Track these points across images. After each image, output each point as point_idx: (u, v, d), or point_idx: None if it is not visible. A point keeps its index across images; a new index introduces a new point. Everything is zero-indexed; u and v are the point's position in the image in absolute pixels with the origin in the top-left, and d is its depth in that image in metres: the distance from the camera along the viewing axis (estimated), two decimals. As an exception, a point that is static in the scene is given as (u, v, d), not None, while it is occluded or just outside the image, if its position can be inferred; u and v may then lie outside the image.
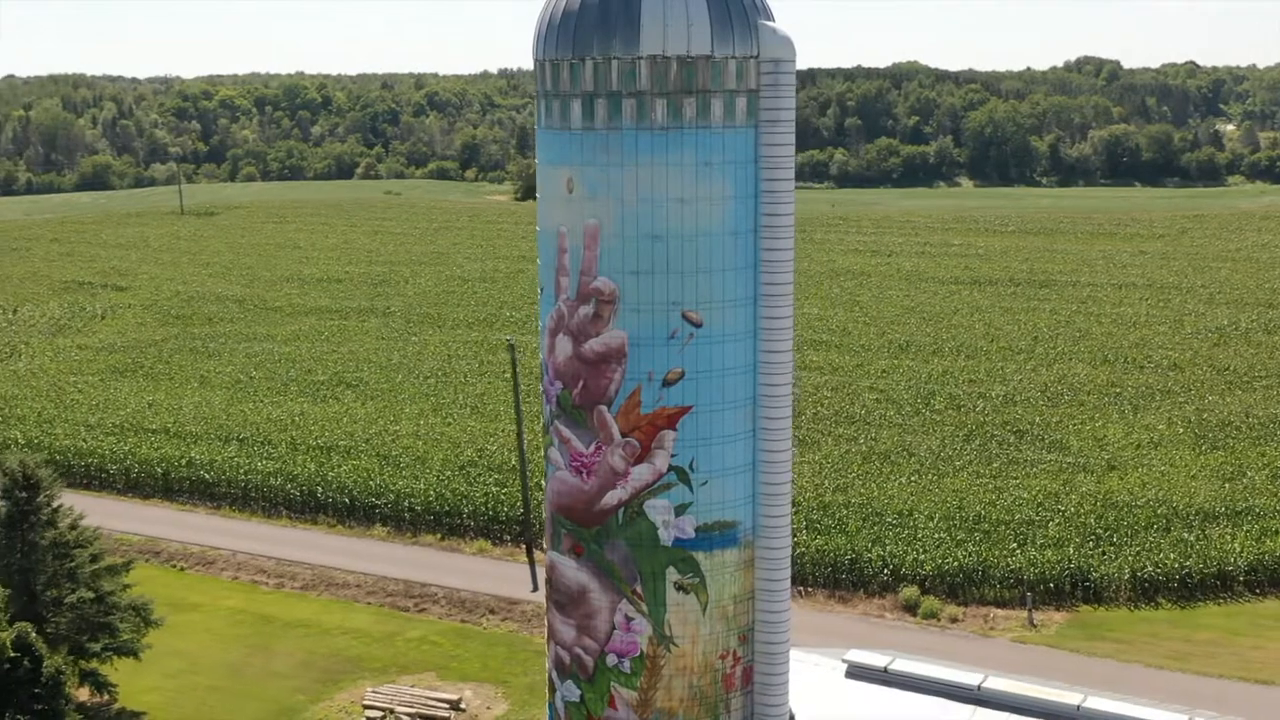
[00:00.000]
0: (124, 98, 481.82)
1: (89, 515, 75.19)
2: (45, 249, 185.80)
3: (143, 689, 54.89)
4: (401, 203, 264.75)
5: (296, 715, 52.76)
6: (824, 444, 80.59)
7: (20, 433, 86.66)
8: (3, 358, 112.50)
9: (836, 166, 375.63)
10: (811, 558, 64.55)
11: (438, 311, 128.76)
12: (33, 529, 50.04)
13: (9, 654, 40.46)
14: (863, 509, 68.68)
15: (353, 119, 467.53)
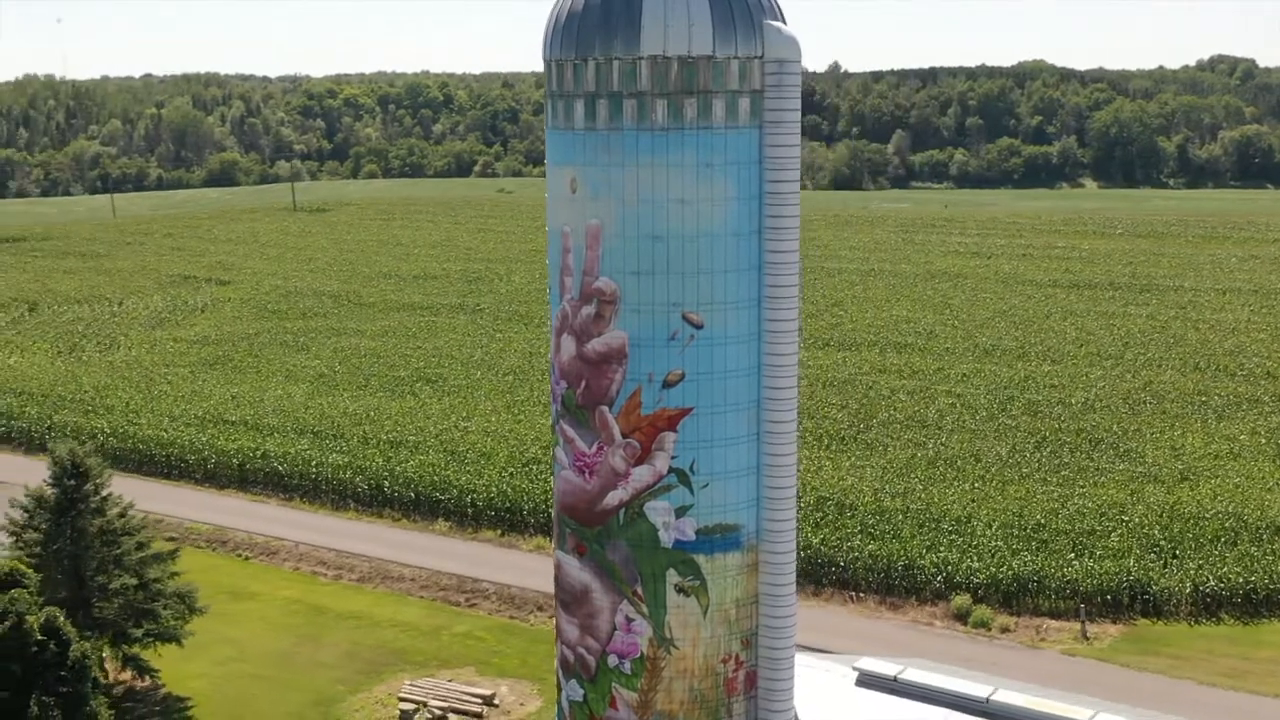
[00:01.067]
0: (252, 96, 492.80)
1: (164, 504, 77.98)
2: (158, 244, 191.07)
3: (190, 675, 56.25)
4: (511, 201, 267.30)
5: (334, 705, 53.53)
6: (891, 449, 79.61)
7: (107, 422, 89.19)
8: (103, 348, 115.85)
9: (956, 167, 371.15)
10: (864, 563, 63.85)
11: (526, 310, 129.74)
12: (80, 516, 51.45)
13: (37, 637, 41.62)
14: (920, 515, 67.73)
15: (473, 117, 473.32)
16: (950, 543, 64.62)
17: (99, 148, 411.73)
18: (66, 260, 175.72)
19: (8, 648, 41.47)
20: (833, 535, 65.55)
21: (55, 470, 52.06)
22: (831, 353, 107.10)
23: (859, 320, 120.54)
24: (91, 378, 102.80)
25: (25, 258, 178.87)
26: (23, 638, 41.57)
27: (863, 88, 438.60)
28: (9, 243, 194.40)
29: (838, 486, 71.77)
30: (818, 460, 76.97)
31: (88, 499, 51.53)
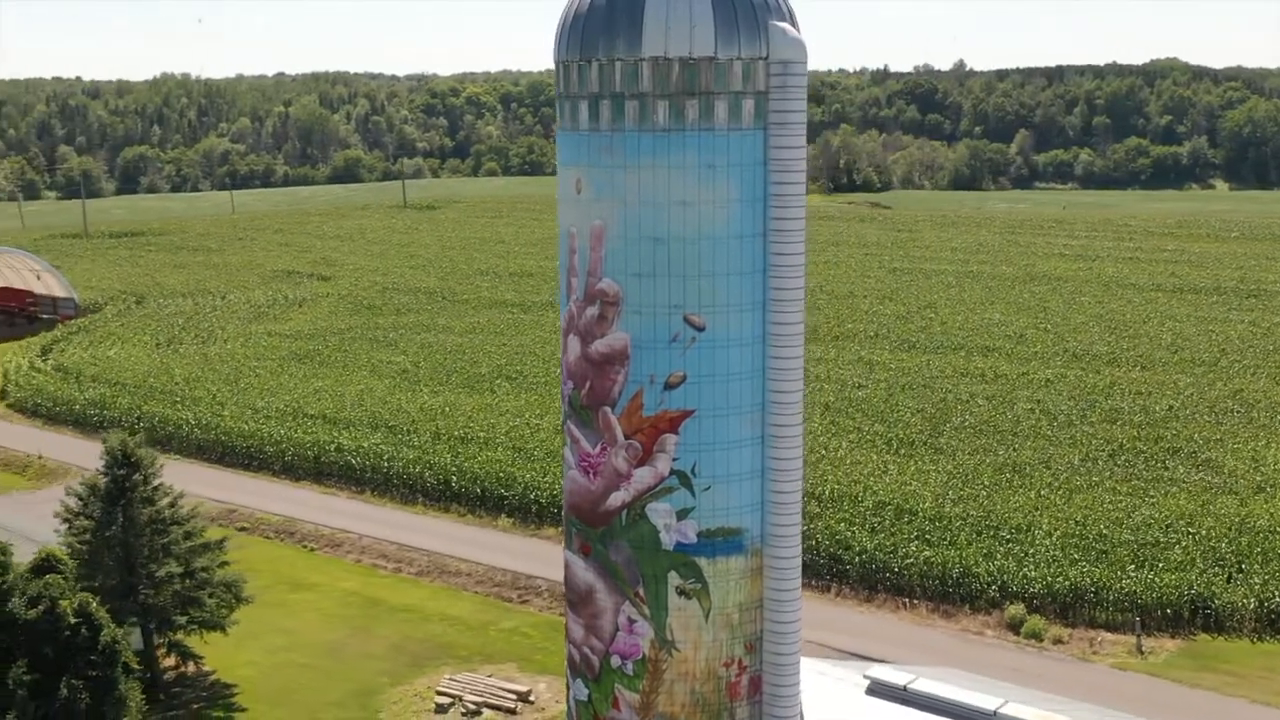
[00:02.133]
0: (377, 95, 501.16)
1: (239, 494, 79.83)
2: (268, 239, 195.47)
3: (241, 663, 57.56)
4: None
5: (374, 697, 54.35)
6: (960, 454, 78.39)
7: (193, 414, 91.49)
8: (200, 341, 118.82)
9: (1081, 167, 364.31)
10: (919, 569, 63.03)
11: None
12: (130, 505, 52.86)
13: (70, 621, 42.87)
14: (979, 522, 66.59)
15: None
16: (1008, 551, 63.47)
17: (228, 145, 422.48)
18: (179, 255, 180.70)
19: (41, 631, 42.74)
20: (888, 541, 64.80)
21: (107, 460, 53.60)
22: (915, 356, 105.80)
23: (949, 323, 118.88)
24: (184, 369, 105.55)
25: (141, 252, 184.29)
26: (56, 622, 42.81)
27: (986, 86, 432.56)
28: (128, 237, 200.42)
29: (899, 491, 70.90)
30: (883, 464, 76.11)
31: (137, 488, 52.90)
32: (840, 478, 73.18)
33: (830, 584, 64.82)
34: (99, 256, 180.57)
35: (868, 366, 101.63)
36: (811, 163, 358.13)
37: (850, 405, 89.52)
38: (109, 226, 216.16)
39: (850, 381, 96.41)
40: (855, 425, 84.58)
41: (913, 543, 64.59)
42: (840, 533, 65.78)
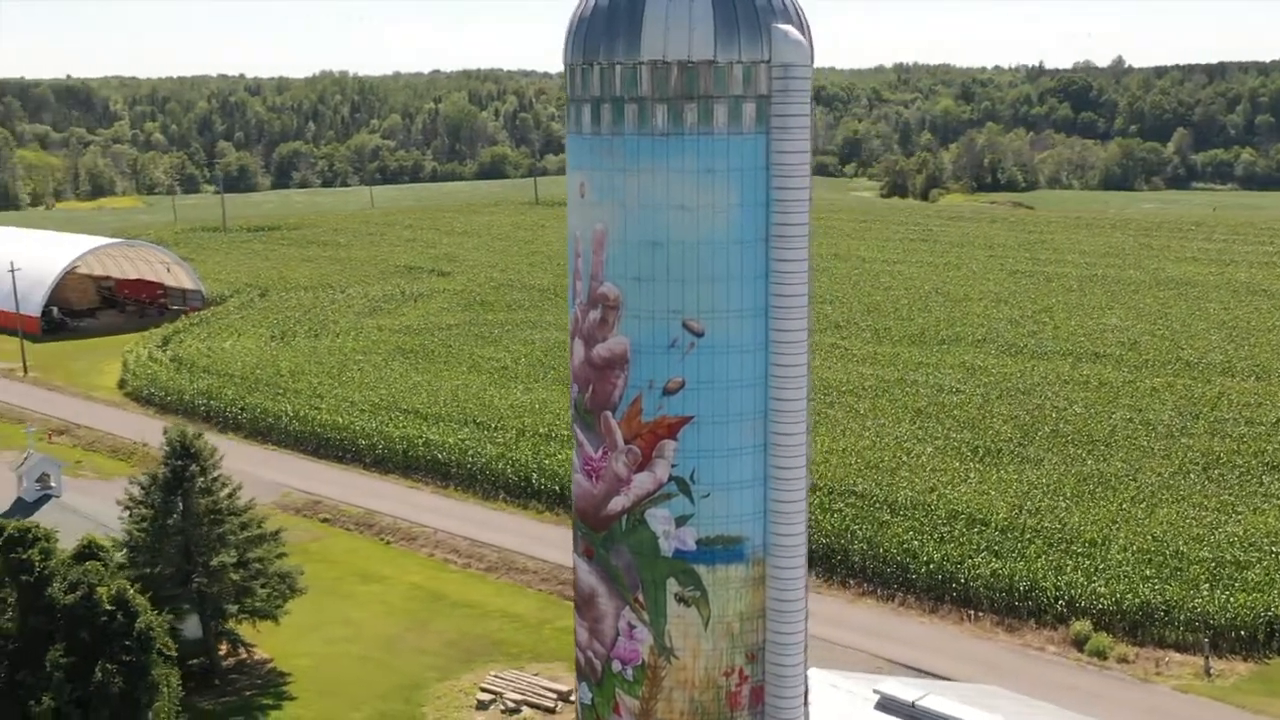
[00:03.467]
0: (526, 92, 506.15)
1: (325, 486, 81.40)
2: (397, 235, 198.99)
3: (300, 652, 58.72)
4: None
5: (420, 691, 54.96)
6: (1046, 463, 76.40)
7: (291, 405, 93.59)
8: (313, 334, 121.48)
9: (1242, 167, 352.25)
10: (985, 581, 61.60)
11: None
12: (187, 495, 54.32)
13: (105, 607, 44.19)
14: (1052, 535, 64.80)
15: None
16: (1078, 565, 61.66)
17: (379, 141, 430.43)
18: (309, 249, 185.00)
19: (79, 616, 44.12)
20: (955, 551, 63.45)
21: (166, 451, 55.13)
22: (1020, 361, 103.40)
23: (1062, 328, 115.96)
24: (290, 362, 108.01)
25: (273, 245, 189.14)
26: (93, 607, 44.15)
27: (1143, 84, 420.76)
28: (264, 231, 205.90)
29: (975, 501, 69.35)
30: (964, 472, 74.54)
31: (194, 479, 54.31)
32: (916, 485, 71.87)
33: (896, 593, 63.75)
34: (234, 250, 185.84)
35: (968, 371, 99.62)
36: (955, 162, 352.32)
37: (942, 411, 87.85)
38: (248, 221, 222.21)
39: (947, 386, 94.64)
40: (943, 431, 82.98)
41: (981, 554, 63.15)
42: (908, 542, 64.63)
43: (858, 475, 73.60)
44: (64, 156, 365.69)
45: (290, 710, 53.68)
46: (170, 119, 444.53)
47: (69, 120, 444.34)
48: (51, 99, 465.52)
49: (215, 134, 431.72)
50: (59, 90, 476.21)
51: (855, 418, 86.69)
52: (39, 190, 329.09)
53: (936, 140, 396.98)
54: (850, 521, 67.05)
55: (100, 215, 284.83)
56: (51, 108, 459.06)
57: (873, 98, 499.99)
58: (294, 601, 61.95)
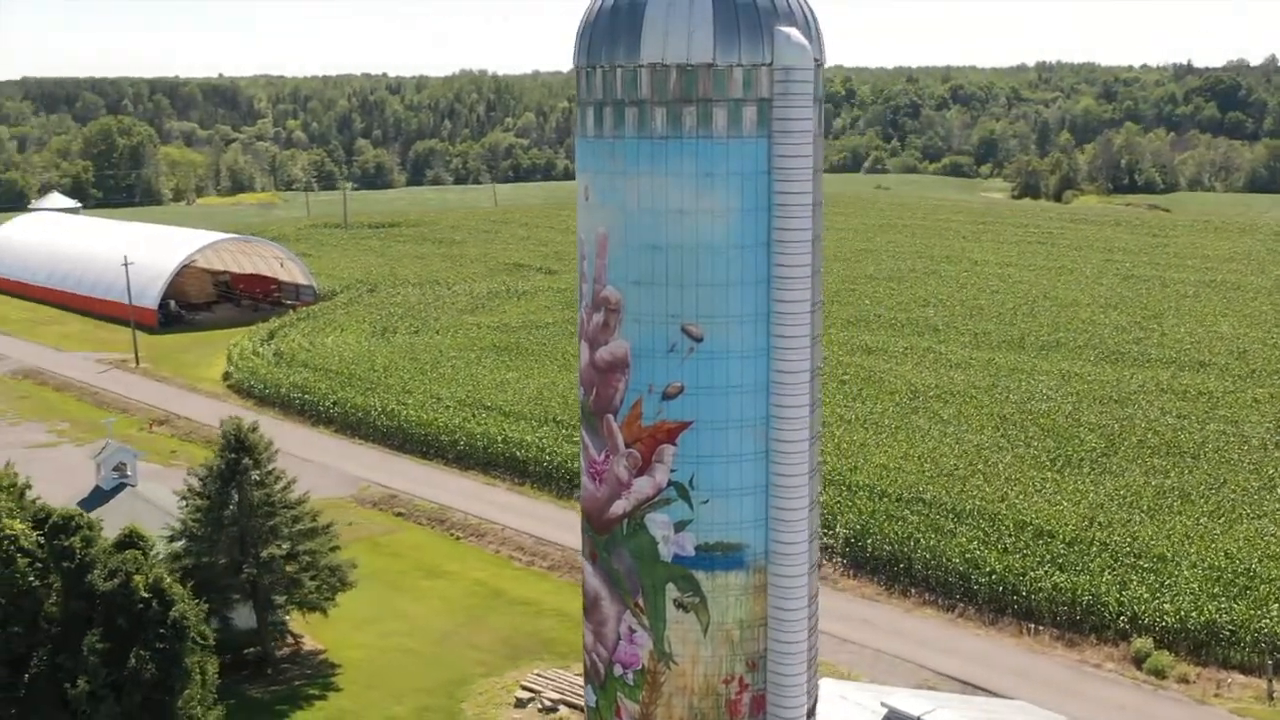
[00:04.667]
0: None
1: (404, 481, 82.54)
2: (511, 232, 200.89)
3: (354, 644, 59.72)
4: (883, 197, 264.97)
5: (463, 686, 55.50)
6: (1128, 475, 74.28)
7: (379, 401, 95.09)
8: (413, 330, 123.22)
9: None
10: (1047, 595, 60.19)
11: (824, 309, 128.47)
12: (241, 488, 55.56)
13: (141, 595, 45.36)
14: (1120, 549, 62.98)
15: (874, 112, 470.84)
16: (1143, 580, 59.87)
17: (512, 139, 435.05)
18: (424, 246, 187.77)
19: (116, 603, 45.33)
20: (1019, 563, 62.08)
21: (221, 443, 56.46)
22: (1119, 368, 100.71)
23: (1169, 335, 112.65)
24: (385, 357, 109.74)
25: (390, 242, 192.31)
26: (129, 595, 45.30)
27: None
28: (383, 228, 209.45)
29: (1045, 512, 67.72)
30: (1040, 482, 72.84)
31: (247, 471, 55.51)
32: (987, 494, 70.44)
33: (956, 604, 62.61)
34: (353, 246, 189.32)
35: (1063, 378, 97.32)
36: (1090, 163, 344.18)
37: (1028, 418, 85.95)
38: (370, 217, 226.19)
39: (1038, 393, 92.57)
40: (1026, 439, 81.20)
41: (1045, 566, 61.70)
42: (971, 552, 63.42)
43: (928, 482, 72.39)
44: (206, 153, 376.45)
45: (334, 701, 54.59)
46: (311, 117, 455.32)
47: (215, 118, 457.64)
48: (199, 97, 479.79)
49: (354, 132, 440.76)
50: (206, 89, 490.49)
51: (937, 424, 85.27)
52: (181, 186, 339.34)
53: (1075, 141, 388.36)
54: (915, 530, 66.01)
55: (237, 211, 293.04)
56: (199, 106, 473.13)
57: (1011, 97, 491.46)
58: (356, 595, 63.18)
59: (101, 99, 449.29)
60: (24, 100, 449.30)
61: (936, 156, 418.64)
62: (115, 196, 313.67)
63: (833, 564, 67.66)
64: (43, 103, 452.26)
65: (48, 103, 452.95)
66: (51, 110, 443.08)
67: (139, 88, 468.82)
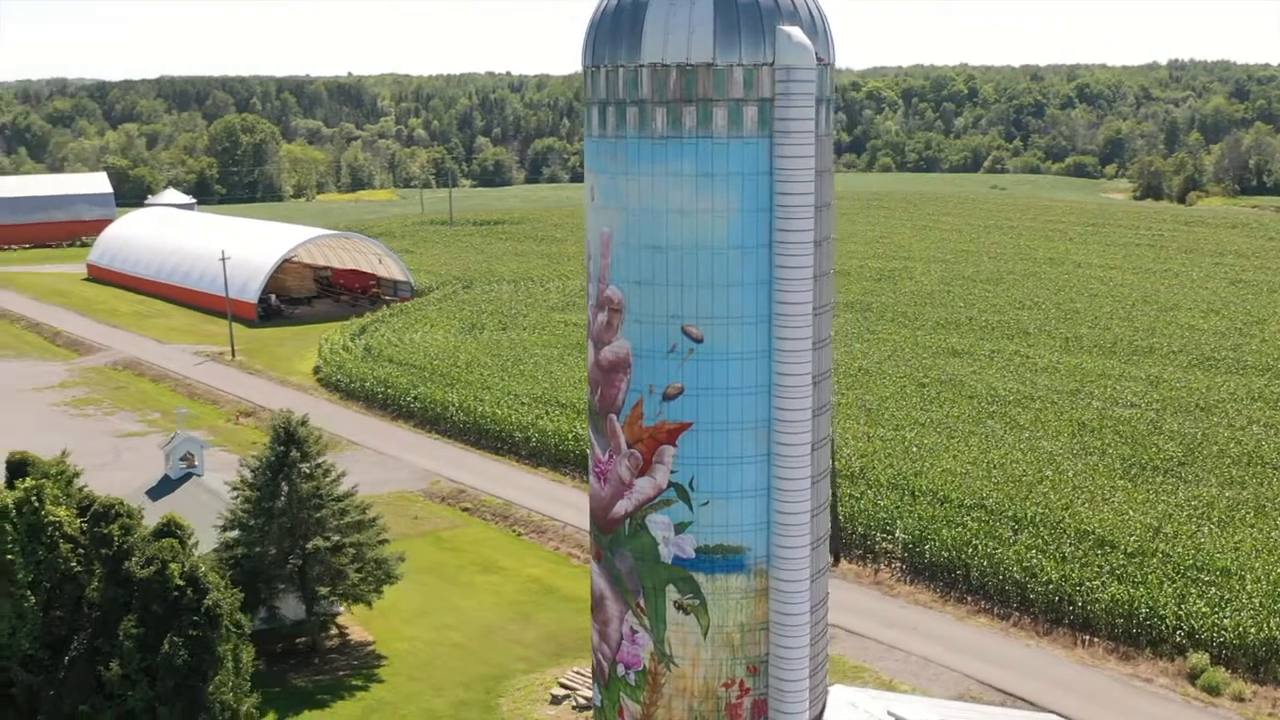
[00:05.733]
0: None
1: (473, 476, 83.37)
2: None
3: (403, 636, 60.48)
4: (998, 198, 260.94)
5: (502, 682, 55.86)
6: (1202, 485, 72.21)
7: (457, 396, 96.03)
8: (501, 327, 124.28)
9: None
10: (1104, 606, 58.79)
11: (907, 310, 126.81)
12: (289, 480, 56.59)
13: (176, 583, 46.46)
14: (1183, 561, 61.22)
15: (997, 111, 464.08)
16: (1204, 595, 58.18)
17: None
18: (524, 243, 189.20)
19: (152, 590, 46.49)
20: (1076, 572, 60.68)
21: (272, 436, 57.55)
22: (1212, 375, 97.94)
23: (1271, 341, 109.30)
24: (469, 354, 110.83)
25: (491, 239, 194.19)
26: (165, 582, 46.44)
27: None
28: (487, 225, 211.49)
29: (1110, 521, 66.14)
30: (1110, 490, 71.15)
31: (295, 464, 56.51)
32: (1052, 502, 69.01)
33: (1011, 612, 61.45)
34: (455, 243, 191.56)
35: (1150, 384, 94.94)
36: (1217, 163, 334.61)
37: (1106, 425, 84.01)
38: (475, 215, 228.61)
39: (1122, 399, 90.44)
40: (1101, 447, 79.37)
41: (1102, 577, 60.25)
42: (1029, 560, 62.17)
43: (993, 489, 71.11)
44: (327, 151, 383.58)
45: (375, 691, 55.32)
46: (432, 115, 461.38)
47: (340, 116, 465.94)
48: (325, 96, 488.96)
49: (475, 130, 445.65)
50: (332, 87, 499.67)
51: (1012, 429, 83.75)
52: (303, 183, 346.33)
53: (1204, 141, 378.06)
54: (973, 536, 64.90)
55: (354, 207, 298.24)
56: (324, 104, 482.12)
57: (1140, 95, 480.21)
58: (411, 588, 64.27)
59: (231, 97, 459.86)
60: (157, 99, 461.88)
61: (1060, 156, 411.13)
62: (238, 192, 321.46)
63: (890, 569, 66.87)
64: (175, 101, 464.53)
65: (180, 101, 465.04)
66: (183, 108, 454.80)
67: (267, 86, 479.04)
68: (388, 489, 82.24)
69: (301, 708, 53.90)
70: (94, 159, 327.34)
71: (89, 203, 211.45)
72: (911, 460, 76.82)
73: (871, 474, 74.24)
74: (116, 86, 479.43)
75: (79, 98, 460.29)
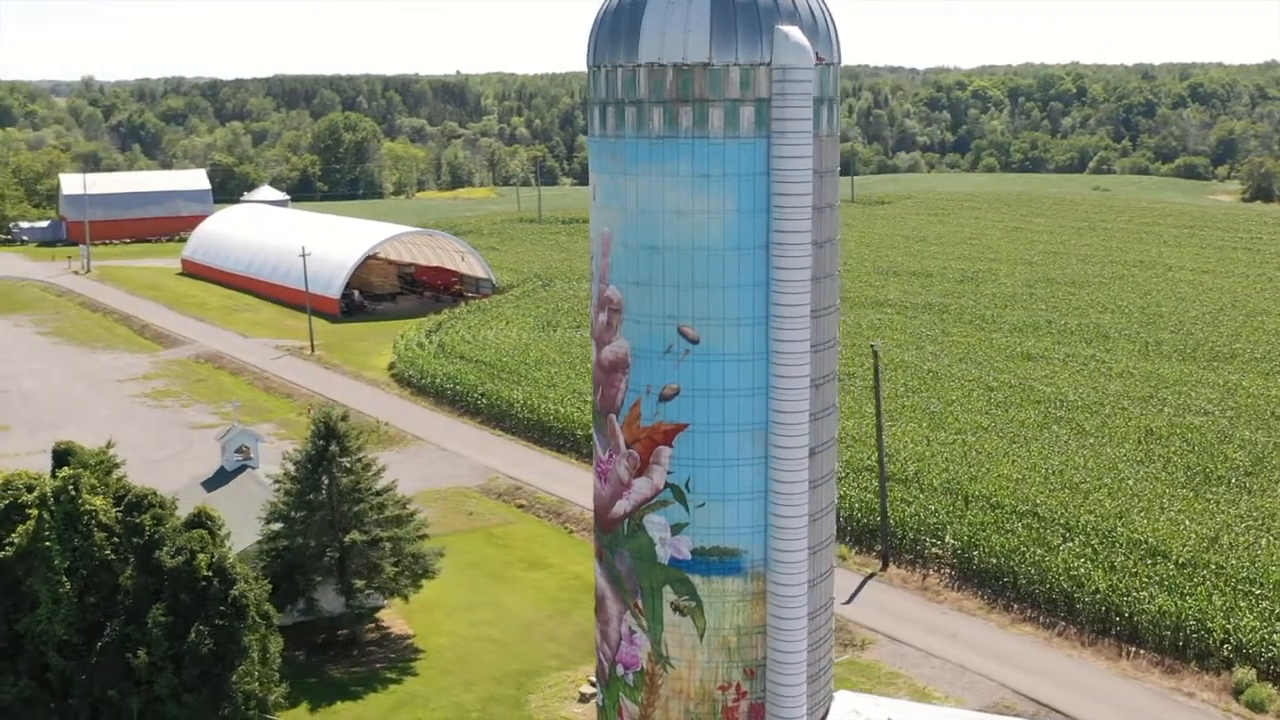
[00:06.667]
0: (882, 88, 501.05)
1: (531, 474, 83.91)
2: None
3: (443, 631, 61.01)
4: (1093, 199, 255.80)
5: (534, 679, 56.11)
6: (1269, 495, 70.18)
7: (522, 394, 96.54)
8: (576, 325, 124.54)
9: None
10: (1151, 617, 57.49)
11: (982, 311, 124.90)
12: (328, 473, 57.38)
13: (203, 573, 47.35)
14: (1237, 573, 59.58)
15: (1105, 111, 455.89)
16: (1255, 608, 56.64)
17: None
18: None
19: (181, 580, 47.43)
20: (1123, 583, 59.41)
21: (312, 430, 58.39)
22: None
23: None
24: (539, 352, 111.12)
25: (577, 237, 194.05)
26: (192, 572, 47.36)
27: None
28: (574, 223, 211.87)
29: (1165, 531, 64.60)
30: (1170, 499, 69.48)
31: (333, 459, 57.26)
32: (1106, 510, 67.58)
33: (1057, 622, 60.32)
34: (540, 240, 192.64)
35: (1227, 391, 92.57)
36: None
37: (1175, 432, 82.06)
38: (565, 213, 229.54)
39: (1195, 406, 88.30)
40: (1168, 454, 77.56)
41: (1150, 588, 58.90)
42: (1076, 569, 61.00)
43: (1048, 496, 69.83)
44: (429, 149, 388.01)
45: (408, 684, 55.86)
46: (535, 114, 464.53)
47: (443, 114, 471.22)
48: (429, 94, 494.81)
49: (576, 128, 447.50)
50: (436, 86, 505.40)
51: (1077, 435, 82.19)
52: (403, 180, 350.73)
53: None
54: (1021, 543, 63.83)
55: (452, 204, 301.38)
56: (428, 102, 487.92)
57: (1256, 95, 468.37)
58: (457, 583, 65.01)
59: (337, 95, 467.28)
60: (266, 96, 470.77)
61: (1170, 157, 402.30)
62: (339, 190, 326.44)
63: (939, 575, 66.02)
64: (284, 99, 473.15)
65: (289, 99, 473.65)
66: (291, 106, 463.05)
67: (373, 85, 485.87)
68: (446, 484, 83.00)
69: (335, 698, 54.60)
70: (201, 156, 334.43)
71: (187, 199, 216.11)
72: (969, 465, 75.72)
73: (925, 479, 73.32)
74: (228, 85, 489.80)
75: (191, 96, 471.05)
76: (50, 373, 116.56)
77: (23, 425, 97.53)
